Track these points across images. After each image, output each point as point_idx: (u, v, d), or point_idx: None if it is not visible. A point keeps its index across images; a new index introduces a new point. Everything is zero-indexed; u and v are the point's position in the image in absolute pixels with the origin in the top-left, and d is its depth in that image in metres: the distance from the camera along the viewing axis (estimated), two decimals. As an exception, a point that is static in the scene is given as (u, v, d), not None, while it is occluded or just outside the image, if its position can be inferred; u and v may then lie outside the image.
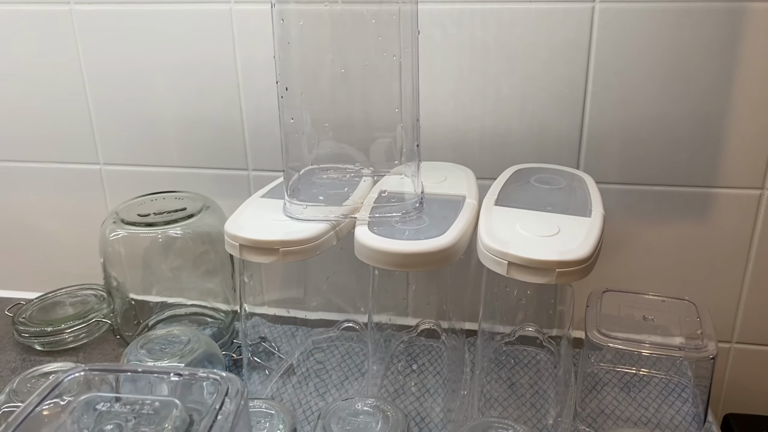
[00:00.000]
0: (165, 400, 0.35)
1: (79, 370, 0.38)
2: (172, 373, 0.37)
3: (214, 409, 0.34)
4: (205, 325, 0.80)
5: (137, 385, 0.38)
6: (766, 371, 0.79)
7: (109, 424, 0.34)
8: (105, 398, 0.36)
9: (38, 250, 0.93)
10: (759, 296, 0.76)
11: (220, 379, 0.37)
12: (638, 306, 0.69)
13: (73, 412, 0.35)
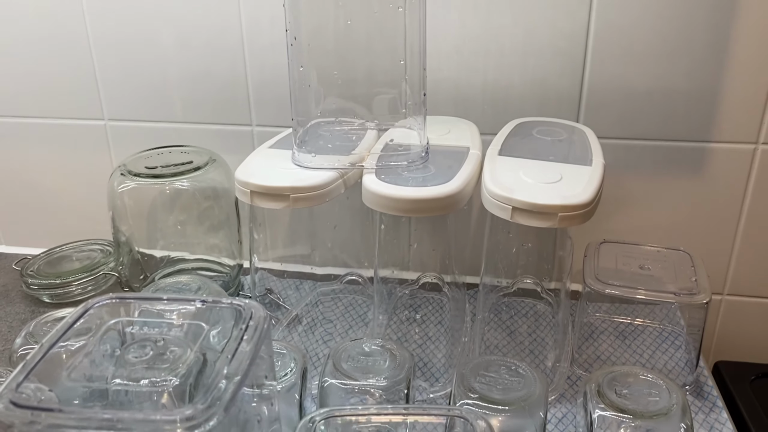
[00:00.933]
0: (193, 324, 0.37)
1: (106, 299, 0.39)
2: (197, 300, 0.39)
3: (240, 331, 0.36)
4: (210, 279, 0.82)
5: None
6: (756, 322, 0.82)
7: (140, 345, 0.36)
8: (134, 322, 0.37)
9: (43, 206, 0.94)
10: (750, 249, 0.79)
11: (243, 305, 0.38)
12: (635, 256, 0.71)
13: (103, 336, 0.37)
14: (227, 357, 0.34)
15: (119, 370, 0.34)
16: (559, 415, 0.64)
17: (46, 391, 0.33)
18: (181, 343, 0.36)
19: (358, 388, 0.53)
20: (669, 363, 0.71)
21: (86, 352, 0.36)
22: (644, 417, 0.51)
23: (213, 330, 0.38)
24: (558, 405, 0.65)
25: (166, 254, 0.82)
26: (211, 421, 0.30)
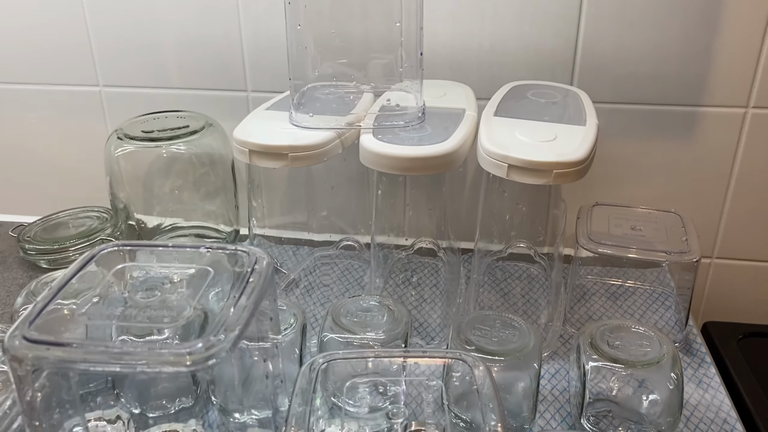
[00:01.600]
0: (200, 269, 0.38)
1: (112, 245, 0.40)
2: (202, 247, 0.40)
3: (246, 273, 0.37)
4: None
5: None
6: (744, 284, 0.84)
7: (147, 288, 0.36)
8: (140, 267, 0.38)
9: (38, 174, 0.94)
10: (739, 213, 0.80)
11: (248, 251, 0.39)
12: (627, 218, 0.72)
13: (110, 280, 0.38)
14: (235, 296, 0.35)
15: (128, 310, 0.35)
16: (552, 371, 0.65)
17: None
18: (188, 285, 0.37)
19: (357, 342, 0.54)
20: (659, 322, 0.72)
21: (93, 296, 0.37)
22: (636, 366, 0.52)
23: (219, 275, 0.38)
24: (551, 361, 0.66)
25: (162, 221, 0.83)
26: (221, 353, 0.31)
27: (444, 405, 0.50)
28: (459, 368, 0.41)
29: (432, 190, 0.73)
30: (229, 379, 0.52)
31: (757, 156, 0.77)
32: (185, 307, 0.35)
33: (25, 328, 0.33)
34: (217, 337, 0.31)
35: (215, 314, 0.34)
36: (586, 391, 0.55)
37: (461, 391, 0.48)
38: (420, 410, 0.39)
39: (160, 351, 0.31)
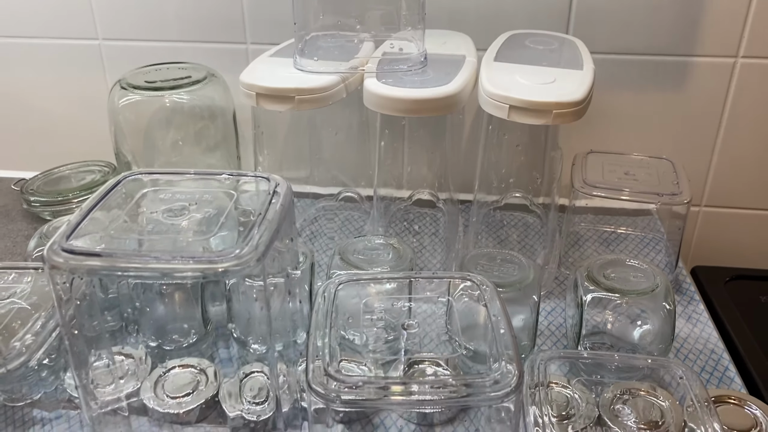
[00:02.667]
0: (223, 191, 0.40)
1: (136, 173, 0.42)
2: (224, 174, 0.41)
3: (269, 195, 0.38)
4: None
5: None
6: (730, 231, 0.87)
7: (175, 208, 0.38)
8: (165, 191, 0.40)
9: (37, 129, 0.94)
10: (727, 161, 0.83)
11: (268, 177, 0.41)
12: (620, 164, 0.75)
13: (138, 201, 0.39)
14: (261, 213, 0.37)
15: (156, 227, 0.37)
16: (549, 309, 0.68)
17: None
18: (213, 206, 0.39)
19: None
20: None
21: (122, 215, 0.38)
22: (631, 295, 0.55)
23: (242, 197, 0.40)
24: (547, 300, 0.69)
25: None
26: (251, 261, 0.33)
27: (448, 334, 0.53)
28: (465, 298, 0.44)
29: (432, 140, 0.74)
30: (251, 305, 0.54)
31: (745, 105, 0.79)
32: (212, 224, 0.37)
33: (63, 241, 0.34)
34: (246, 247, 0.33)
35: (242, 231, 0.36)
36: (582, 322, 0.57)
37: (466, 323, 0.51)
38: (424, 344, 0.42)
39: (199, 257, 0.33)
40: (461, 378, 0.35)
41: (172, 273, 0.33)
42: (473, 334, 0.40)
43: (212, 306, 0.61)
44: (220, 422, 0.54)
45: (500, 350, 0.37)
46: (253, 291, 0.54)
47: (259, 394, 0.55)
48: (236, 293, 0.58)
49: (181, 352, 0.59)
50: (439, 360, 0.49)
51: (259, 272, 0.34)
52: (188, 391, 0.55)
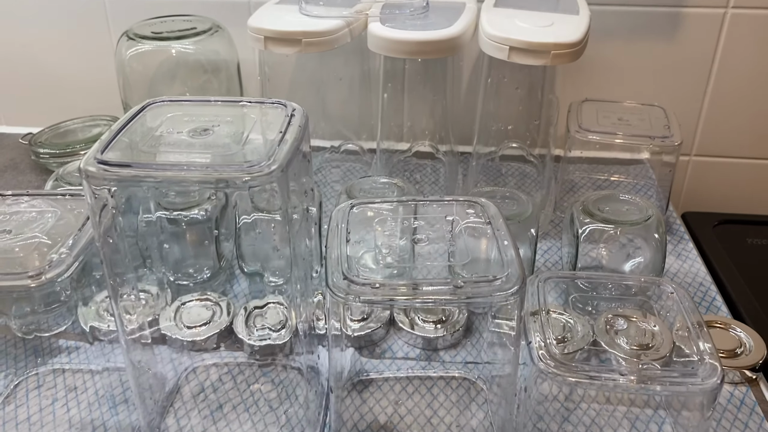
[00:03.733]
0: (244, 114, 0.42)
1: (159, 100, 0.44)
2: (243, 100, 0.44)
3: (287, 117, 0.41)
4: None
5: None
6: (718, 179, 0.90)
7: (200, 128, 0.40)
8: (189, 114, 0.42)
9: (42, 84, 0.95)
10: (716, 111, 0.86)
11: (285, 103, 0.43)
12: (614, 111, 0.77)
13: (164, 125, 0.42)
14: (281, 131, 0.39)
15: (183, 144, 0.39)
16: (545, 248, 0.71)
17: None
18: (237, 126, 0.41)
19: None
20: (642, 208, 0.78)
21: (150, 134, 0.41)
22: (625, 225, 0.58)
23: (263, 120, 0.42)
24: (543, 241, 0.72)
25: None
26: (276, 172, 0.35)
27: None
28: (470, 217, 0.46)
29: (433, 92, 0.77)
30: (267, 238, 0.56)
31: (734, 55, 0.82)
32: (236, 141, 0.39)
33: (98, 154, 0.37)
34: (270, 159, 0.36)
35: (264, 147, 0.38)
36: (578, 254, 0.60)
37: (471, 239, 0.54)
38: (433, 257, 0.44)
39: (225, 166, 0.35)
40: (470, 278, 0.38)
41: (201, 181, 0.35)
42: (477, 249, 0.42)
43: (225, 243, 0.63)
44: (237, 347, 0.57)
45: (504, 258, 0.40)
46: (271, 225, 0.57)
47: (274, 324, 0.58)
48: (248, 230, 0.60)
49: (197, 287, 0.62)
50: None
51: (284, 183, 0.37)
52: (205, 321, 0.58)
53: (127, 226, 0.58)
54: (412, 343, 0.59)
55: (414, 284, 0.38)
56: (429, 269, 0.41)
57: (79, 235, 0.42)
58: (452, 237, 0.42)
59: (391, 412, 0.52)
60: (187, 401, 0.53)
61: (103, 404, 0.53)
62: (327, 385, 0.53)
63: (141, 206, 0.57)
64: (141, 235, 0.59)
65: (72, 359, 0.57)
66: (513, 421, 0.49)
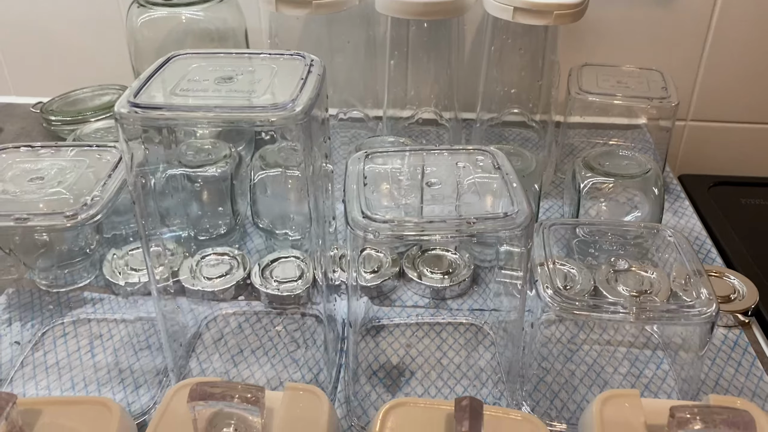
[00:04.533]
0: (265, 65, 0.44)
1: (182, 53, 0.46)
2: (263, 53, 0.46)
3: (307, 66, 0.43)
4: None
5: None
6: (714, 142, 0.92)
7: (224, 76, 0.43)
8: (213, 65, 0.44)
9: (51, 54, 0.97)
10: (712, 76, 0.88)
11: (303, 54, 0.45)
12: (613, 75, 0.79)
13: (190, 74, 0.44)
14: (302, 78, 0.41)
15: (210, 89, 0.41)
16: (547, 207, 0.74)
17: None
18: (259, 74, 0.43)
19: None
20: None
21: (178, 82, 0.43)
22: (625, 178, 0.61)
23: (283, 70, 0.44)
24: (544, 200, 0.75)
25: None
26: (300, 114, 0.38)
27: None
28: (480, 163, 0.48)
29: (437, 59, 0.79)
30: (283, 195, 0.59)
31: (730, 21, 0.84)
32: (260, 87, 0.41)
33: (131, 98, 0.39)
34: (294, 102, 0.38)
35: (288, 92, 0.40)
36: (580, 209, 0.63)
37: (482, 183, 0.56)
38: (445, 197, 0.46)
39: (251, 106, 0.38)
40: (482, 215, 0.41)
41: (229, 121, 0.37)
42: (487, 190, 0.45)
43: (240, 200, 0.66)
44: (254, 297, 0.60)
45: (513, 198, 0.43)
46: (288, 182, 0.59)
47: (289, 276, 0.60)
48: (264, 187, 0.63)
49: (213, 242, 0.65)
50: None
51: (307, 126, 0.39)
52: (222, 274, 0.61)
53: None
54: (421, 293, 0.61)
55: (428, 220, 0.41)
56: (441, 209, 0.43)
57: (109, 180, 0.45)
58: (463, 180, 0.45)
59: (402, 354, 0.55)
60: (208, 346, 0.56)
61: (128, 350, 0.55)
62: (343, 330, 0.56)
63: (160, 164, 0.59)
64: (159, 192, 0.61)
65: (96, 310, 0.59)
66: (519, 361, 0.52)
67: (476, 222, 0.40)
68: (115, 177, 0.45)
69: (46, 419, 0.43)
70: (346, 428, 0.48)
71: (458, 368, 0.54)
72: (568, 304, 0.45)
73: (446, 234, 0.40)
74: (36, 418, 0.43)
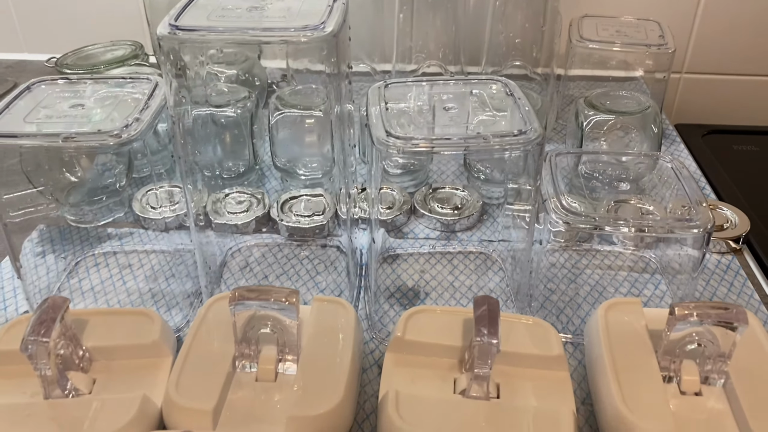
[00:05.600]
0: None
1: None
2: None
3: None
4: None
5: None
6: (707, 93, 0.96)
7: (257, 3, 0.45)
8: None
9: (62, 11, 0.99)
10: (707, 29, 0.91)
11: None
12: (612, 25, 0.82)
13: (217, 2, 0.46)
14: (329, 4, 0.44)
15: (244, 14, 0.44)
16: (549, 149, 0.77)
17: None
18: (286, 4, 0.46)
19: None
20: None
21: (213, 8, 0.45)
22: (625, 115, 0.64)
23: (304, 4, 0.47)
24: (547, 145, 0.78)
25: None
26: (329, 36, 0.41)
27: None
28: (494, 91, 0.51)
29: (444, 9, 0.81)
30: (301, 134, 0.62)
31: (724, -26, 0.87)
32: (291, 13, 0.44)
33: (172, 21, 0.42)
34: (323, 25, 0.41)
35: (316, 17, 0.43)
36: (583, 143, 0.66)
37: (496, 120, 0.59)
38: (461, 119, 0.49)
39: (280, 28, 0.41)
40: (497, 132, 0.44)
41: (263, 42, 0.40)
42: (501, 112, 0.48)
43: (259, 141, 0.69)
44: (275, 230, 0.63)
45: (525, 119, 0.46)
46: (306, 122, 0.62)
47: (309, 212, 0.63)
48: (283, 127, 0.66)
49: (233, 181, 0.68)
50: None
51: (334, 45, 0.42)
52: (245, 210, 0.64)
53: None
54: (432, 226, 0.65)
55: (446, 137, 0.44)
56: (458, 129, 0.46)
57: (148, 106, 0.47)
58: (478, 104, 0.48)
59: (417, 278, 0.58)
60: (234, 273, 0.59)
61: (159, 277, 0.59)
62: (361, 258, 0.59)
63: (189, 103, 0.62)
64: (187, 131, 0.64)
65: (123, 244, 0.63)
66: (527, 284, 0.56)
67: (491, 137, 0.44)
68: (153, 104, 0.48)
69: (94, 327, 0.46)
70: (368, 340, 0.52)
71: (469, 289, 0.57)
72: (572, 218, 0.49)
73: (465, 147, 0.43)
74: (84, 326, 0.46)
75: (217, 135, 0.65)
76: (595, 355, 0.46)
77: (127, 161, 0.64)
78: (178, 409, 0.41)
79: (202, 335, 0.46)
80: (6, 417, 0.40)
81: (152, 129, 0.47)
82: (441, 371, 0.45)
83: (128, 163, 0.64)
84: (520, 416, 0.41)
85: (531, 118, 0.46)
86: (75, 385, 0.43)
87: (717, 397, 0.44)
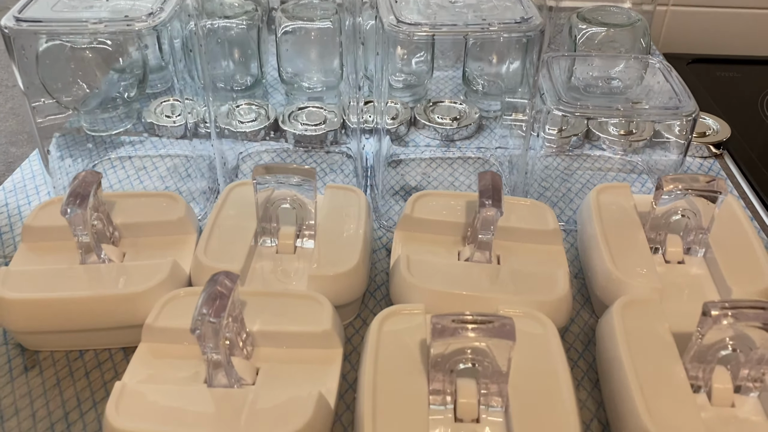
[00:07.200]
0: None
1: None
2: None
3: None
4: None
5: None
6: (692, 25, 0.99)
7: None
8: None
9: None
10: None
11: None
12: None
13: None
14: None
15: None
16: (543, 71, 0.80)
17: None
18: None
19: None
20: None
21: None
22: (617, 27, 0.67)
23: None
24: (541, 67, 0.81)
25: None
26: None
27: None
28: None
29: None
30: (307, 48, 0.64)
31: None
32: None
33: None
34: None
35: None
36: (575, 68, 0.70)
37: (499, 13, 0.62)
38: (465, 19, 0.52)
39: None
40: (502, 20, 0.47)
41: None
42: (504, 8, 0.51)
43: (266, 54, 0.71)
44: (283, 139, 0.66)
45: (527, 10, 0.49)
46: (311, 34, 0.65)
47: (314, 122, 0.66)
48: (289, 40, 0.68)
49: (241, 94, 0.70)
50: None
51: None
52: (253, 119, 0.67)
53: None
54: (432, 136, 0.68)
55: (453, 23, 0.47)
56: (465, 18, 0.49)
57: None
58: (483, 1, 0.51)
59: (419, 179, 0.62)
60: (246, 174, 0.62)
61: (174, 176, 0.62)
62: (367, 161, 0.63)
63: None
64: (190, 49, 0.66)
65: (136, 150, 0.65)
66: (523, 182, 0.59)
67: (495, 23, 0.47)
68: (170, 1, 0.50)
69: (122, 207, 0.50)
70: (377, 228, 0.56)
71: (469, 188, 0.61)
72: (568, 106, 0.52)
73: (471, 30, 0.46)
74: (112, 207, 0.49)
75: (227, 46, 0.67)
76: (587, 230, 0.50)
77: (141, 73, 0.66)
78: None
79: (224, 215, 0.49)
80: (46, 279, 0.44)
81: (176, 17, 0.49)
82: (446, 245, 0.49)
83: (143, 75, 0.66)
84: (520, 275, 0.45)
85: (532, 9, 0.49)
86: (108, 255, 0.46)
87: (698, 265, 0.48)
